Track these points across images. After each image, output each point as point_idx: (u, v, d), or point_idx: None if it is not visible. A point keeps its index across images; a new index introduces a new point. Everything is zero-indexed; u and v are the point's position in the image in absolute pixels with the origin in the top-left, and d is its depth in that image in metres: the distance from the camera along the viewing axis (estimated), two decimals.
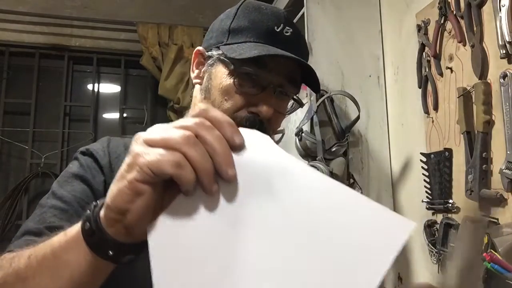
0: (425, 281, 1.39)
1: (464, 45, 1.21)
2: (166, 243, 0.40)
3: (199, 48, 0.79)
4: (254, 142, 0.42)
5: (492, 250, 0.97)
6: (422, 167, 1.35)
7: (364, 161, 1.61)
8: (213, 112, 0.42)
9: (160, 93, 2.65)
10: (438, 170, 1.28)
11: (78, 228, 0.45)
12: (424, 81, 1.39)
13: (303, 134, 1.47)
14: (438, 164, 1.29)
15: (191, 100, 0.81)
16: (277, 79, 0.72)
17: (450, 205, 1.24)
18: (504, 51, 1.05)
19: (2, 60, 2.59)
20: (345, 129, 1.51)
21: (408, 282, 1.47)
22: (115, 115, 2.83)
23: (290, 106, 0.81)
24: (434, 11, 1.33)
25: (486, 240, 1.02)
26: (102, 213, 0.43)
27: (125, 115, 2.85)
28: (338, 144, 1.47)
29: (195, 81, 0.79)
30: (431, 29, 1.35)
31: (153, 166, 0.39)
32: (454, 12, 1.24)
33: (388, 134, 1.65)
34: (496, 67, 1.09)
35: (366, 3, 1.73)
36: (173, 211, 0.41)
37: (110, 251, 0.43)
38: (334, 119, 1.53)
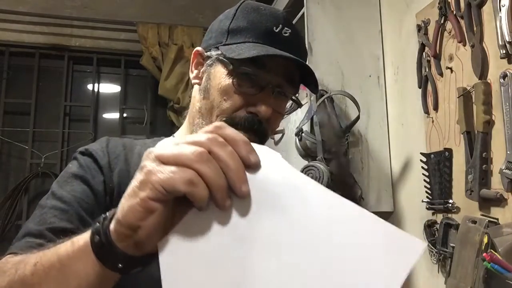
0: (425, 281, 1.39)
1: (464, 45, 1.21)
2: (177, 259, 0.40)
3: (198, 48, 0.79)
4: (264, 158, 0.42)
5: (492, 250, 0.97)
6: (422, 167, 1.35)
7: (364, 161, 1.61)
8: (227, 130, 0.42)
9: (160, 93, 2.65)
10: (438, 170, 1.28)
11: (86, 239, 0.45)
12: (424, 81, 1.39)
13: (303, 134, 1.47)
14: (438, 164, 1.29)
15: (190, 101, 0.81)
16: (275, 79, 0.72)
17: (450, 205, 1.24)
18: (504, 51, 1.05)
19: (2, 60, 2.59)
20: (345, 129, 1.51)
21: (408, 282, 1.47)
22: (115, 115, 2.83)
23: (289, 106, 0.81)
24: (434, 11, 1.33)
25: (486, 240, 1.02)
26: (112, 227, 0.42)
27: (125, 115, 2.85)
28: (338, 144, 1.47)
29: (194, 81, 0.79)
30: (431, 29, 1.35)
31: (166, 184, 0.39)
32: (454, 12, 1.24)
33: (388, 134, 1.65)
34: (496, 67, 1.08)
35: (366, 3, 1.73)
36: (184, 226, 0.41)
37: (120, 264, 0.43)
38: (334, 119, 1.53)
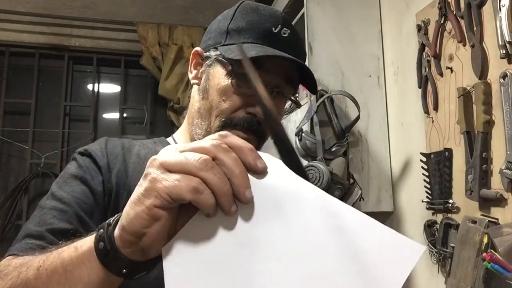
0: (425, 281, 1.38)
1: (464, 45, 1.21)
2: (181, 265, 0.40)
3: (197, 48, 0.79)
4: (268, 166, 0.42)
5: (492, 250, 0.97)
6: (422, 167, 1.35)
7: (364, 161, 1.61)
8: (233, 139, 0.42)
9: (160, 93, 2.65)
10: (438, 170, 1.28)
11: (90, 245, 0.45)
12: (424, 81, 1.39)
13: (303, 134, 1.47)
14: (438, 164, 1.29)
15: (190, 101, 0.81)
16: (274, 79, 0.73)
17: (450, 205, 1.23)
18: (504, 51, 1.05)
19: (2, 60, 2.59)
20: (345, 129, 1.51)
21: (408, 282, 1.47)
22: (115, 115, 2.83)
23: (288, 106, 0.81)
24: (434, 11, 1.33)
25: (486, 240, 1.02)
26: (117, 233, 0.43)
27: (125, 115, 2.84)
28: (338, 144, 1.47)
29: (193, 81, 0.79)
30: (431, 29, 1.35)
31: (171, 193, 0.39)
32: (454, 12, 1.24)
33: (388, 134, 1.65)
34: (496, 67, 1.08)
35: (366, 3, 1.73)
36: (187, 231, 0.41)
37: (124, 269, 0.44)
38: (334, 119, 1.53)
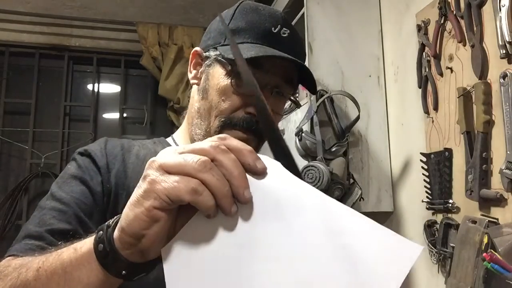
0: (425, 281, 1.38)
1: (464, 45, 1.21)
2: (181, 266, 0.41)
3: (197, 48, 0.79)
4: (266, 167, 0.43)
5: (492, 250, 0.97)
6: (422, 167, 1.35)
7: (364, 161, 1.60)
8: (232, 141, 0.42)
9: (160, 93, 2.65)
10: (438, 170, 1.28)
11: (89, 247, 0.45)
12: (424, 81, 1.39)
13: (303, 134, 1.47)
14: (438, 164, 1.29)
15: (189, 101, 0.81)
16: (274, 79, 0.73)
17: (450, 205, 1.23)
18: (504, 51, 1.05)
19: (2, 60, 2.59)
20: (345, 129, 1.51)
21: (408, 282, 1.47)
22: (115, 115, 2.83)
23: (288, 106, 0.81)
24: (434, 11, 1.33)
25: (486, 240, 1.02)
26: (116, 235, 0.43)
27: (125, 115, 2.84)
28: (338, 144, 1.47)
29: (192, 81, 0.79)
30: (431, 29, 1.35)
31: (170, 194, 0.39)
32: (454, 12, 1.24)
33: (388, 134, 1.65)
34: (496, 67, 1.08)
35: (366, 3, 1.72)
36: (186, 232, 0.41)
37: (124, 271, 0.44)
38: (334, 119, 1.53)
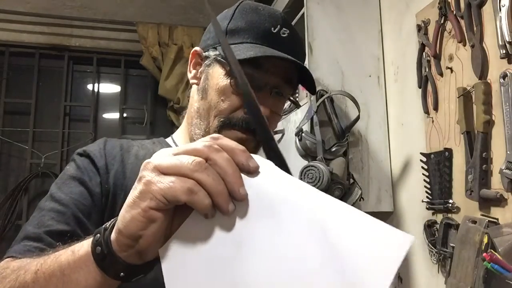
0: (425, 281, 1.38)
1: (464, 45, 1.21)
2: (179, 266, 0.41)
3: (197, 48, 0.79)
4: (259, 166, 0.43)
5: (492, 250, 0.97)
6: (422, 167, 1.35)
7: (364, 161, 1.60)
8: (224, 141, 0.43)
9: (160, 93, 2.65)
10: (438, 170, 1.28)
11: (87, 249, 0.45)
12: (424, 81, 1.39)
13: (303, 134, 1.46)
14: (438, 164, 1.29)
15: (189, 101, 0.81)
16: (273, 80, 0.73)
17: (450, 205, 1.23)
18: (504, 51, 1.05)
19: (2, 60, 2.59)
20: (345, 129, 1.51)
21: (408, 282, 1.47)
22: (115, 115, 2.83)
23: (288, 106, 0.81)
24: (434, 11, 1.33)
25: (486, 240, 1.02)
26: (113, 237, 0.43)
27: (125, 115, 2.85)
28: (338, 144, 1.47)
29: (192, 81, 0.79)
30: (431, 29, 1.35)
31: (166, 194, 0.39)
32: (454, 12, 1.24)
33: (388, 134, 1.65)
34: (496, 67, 1.08)
35: (366, 3, 1.72)
36: (183, 232, 0.42)
37: (122, 273, 0.44)
38: (334, 119, 1.53)
